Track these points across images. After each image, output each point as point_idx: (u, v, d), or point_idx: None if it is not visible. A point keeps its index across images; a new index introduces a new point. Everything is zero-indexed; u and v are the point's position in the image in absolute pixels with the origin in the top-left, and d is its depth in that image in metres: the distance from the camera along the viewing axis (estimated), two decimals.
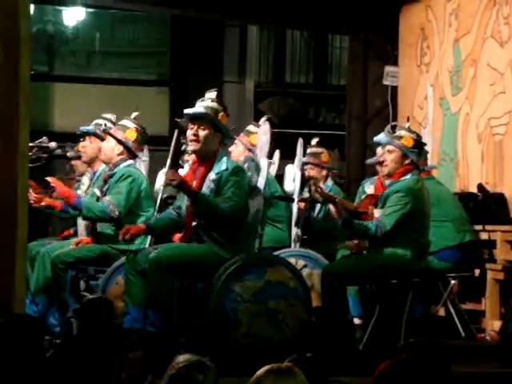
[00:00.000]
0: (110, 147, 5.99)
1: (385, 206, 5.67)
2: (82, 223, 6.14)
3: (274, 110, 13.04)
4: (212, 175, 5.30)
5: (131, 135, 6.01)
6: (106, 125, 6.19)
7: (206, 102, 5.38)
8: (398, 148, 5.74)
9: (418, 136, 5.94)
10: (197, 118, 5.32)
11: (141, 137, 6.06)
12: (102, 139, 6.20)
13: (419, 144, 5.90)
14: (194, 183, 5.35)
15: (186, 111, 5.37)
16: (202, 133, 5.29)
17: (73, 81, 12.62)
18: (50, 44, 12.98)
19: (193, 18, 11.15)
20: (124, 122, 6.09)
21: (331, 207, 5.76)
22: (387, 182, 5.83)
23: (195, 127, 5.30)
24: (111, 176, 5.96)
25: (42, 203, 6.16)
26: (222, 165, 5.32)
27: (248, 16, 10.07)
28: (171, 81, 12.66)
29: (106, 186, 5.96)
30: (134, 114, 6.14)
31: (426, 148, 6.63)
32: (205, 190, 5.29)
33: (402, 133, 5.85)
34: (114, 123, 6.24)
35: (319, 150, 7.36)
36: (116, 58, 13.21)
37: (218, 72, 12.40)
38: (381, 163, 5.95)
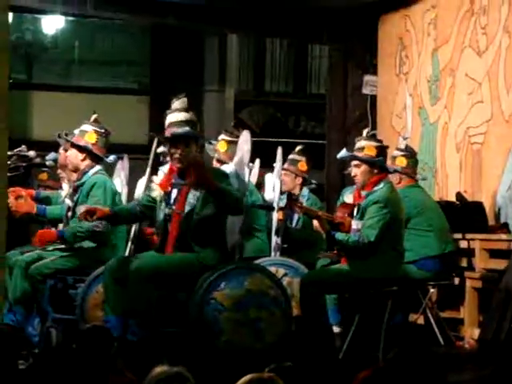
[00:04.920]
0: (74, 155, 6.02)
1: (363, 217, 5.68)
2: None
3: (254, 118, 13.06)
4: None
5: (91, 138, 6.00)
6: (66, 134, 6.19)
7: (182, 114, 5.34)
8: (363, 162, 5.76)
9: (379, 141, 5.95)
10: (181, 138, 5.26)
11: (102, 138, 6.03)
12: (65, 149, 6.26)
13: (382, 149, 5.91)
14: (175, 192, 5.34)
15: (172, 132, 5.25)
16: (188, 151, 5.25)
17: (52, 89, 12.58)
18: (28, 52, 12.93)
19: (173, 28, 11.16)
20: (83, 126, 6.07)
21: (315, 222, 5.79)
22: (363, 192, 5.85)
23: (180, 148, 5.22)
24: (81, 185, 5.95)
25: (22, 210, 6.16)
26: None
27: (228, 25, 10.09)
28: (151, 90, 12.64)
29: (77, 195, 5.96)
30: (93, 117, 6.09)
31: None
32: (190, 198, 5.28)
33: (363, 143, 5.85)
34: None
35: (298, 157, 7.40)
36: (95, 67, 13.17)
37: (198, 81, 12.40)
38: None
